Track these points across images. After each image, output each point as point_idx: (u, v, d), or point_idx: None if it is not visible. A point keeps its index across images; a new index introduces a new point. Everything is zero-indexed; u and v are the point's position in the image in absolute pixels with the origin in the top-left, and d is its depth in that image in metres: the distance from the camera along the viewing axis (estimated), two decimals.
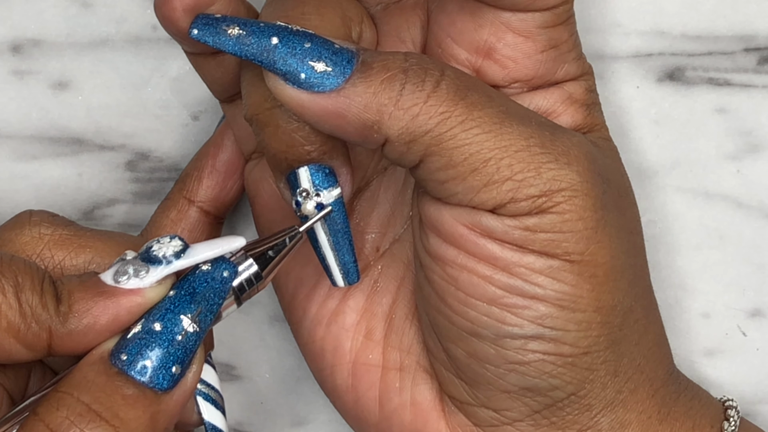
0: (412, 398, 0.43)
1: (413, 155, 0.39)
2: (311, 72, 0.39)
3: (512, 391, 0.41)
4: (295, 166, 0.40)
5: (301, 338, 0.45)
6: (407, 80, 0.39)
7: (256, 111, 0.40)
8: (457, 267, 0.40)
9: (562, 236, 0.40)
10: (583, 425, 0.42)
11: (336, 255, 0.42)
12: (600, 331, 0.41)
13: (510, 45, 0.42)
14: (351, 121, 0.39)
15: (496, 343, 0.40)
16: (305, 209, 0.40)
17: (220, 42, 0.39)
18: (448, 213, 0.40)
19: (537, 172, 0.39)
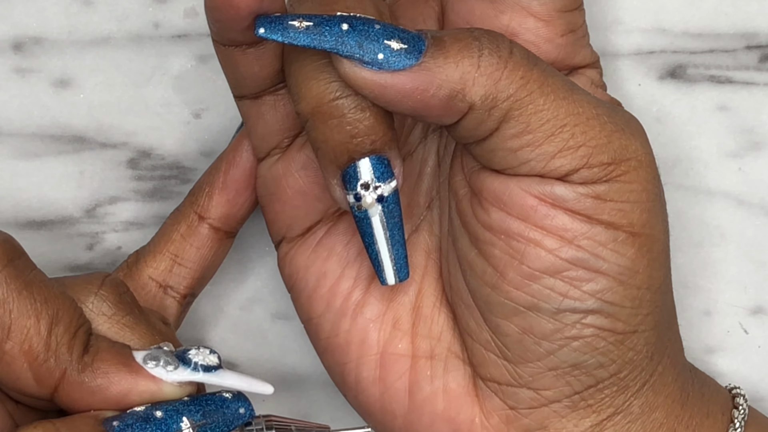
0: (445, 385, 0.43)
1: (492, 122, 0.40)
2: (389, 51, 0.39)
3: (560, 368, 0.41)
4: (356, 158, 0.40)
5: (322, 332, 0.45)
6: (483, 47, 0.39)
7: (318, 103, 0.40)
8: (523, 240, 0.40)
9: (629, 206, 0.40)
10: (617, 408, 0.42)
11: (391, 250, 0.42)
12: (648, 309, 0.42)
13: (531, 30, 0.42)
14: (435, 94, 0.39)
15: (555, 317, 0.41)
16: (365, 203, 0.41)
17: (292, 36, 0.39)
18: (516, 184, 0.40)
19: (608, 140, 0.40)
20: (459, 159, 0.43)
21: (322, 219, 0.44)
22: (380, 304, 0.44)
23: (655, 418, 0.43)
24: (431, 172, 0.45)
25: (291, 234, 0.45)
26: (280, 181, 0.44)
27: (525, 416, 0.42)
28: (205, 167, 0.49)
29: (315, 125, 0.40)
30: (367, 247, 0.42)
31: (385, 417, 0.44)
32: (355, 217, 0.41)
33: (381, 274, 0.42)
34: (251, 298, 0.50)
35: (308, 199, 0.44)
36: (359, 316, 0.44)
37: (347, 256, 0.44)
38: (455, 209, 0.43)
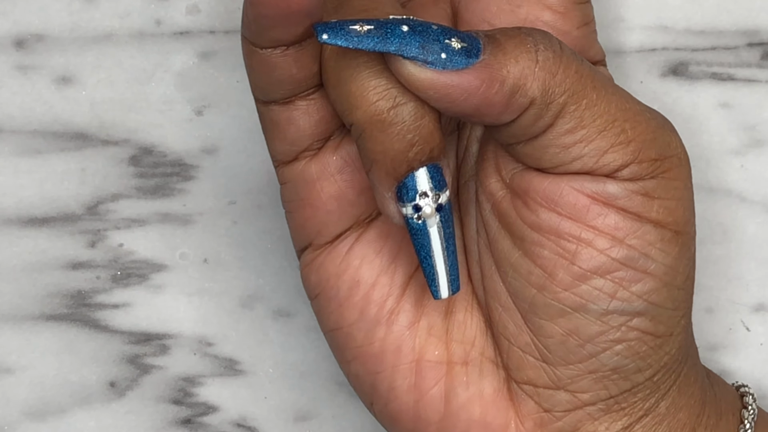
0: (480, 391, 0.43)
1: (549, 117, 0.40)
2: (450, 50, 0.38)
3: (599, 372, 0.41)
4: (415, 168, 0.39)
5: (353, 342, 0.43)
6: (537, 42, 0.39)
7: (376, 112, 0.39)
8: (575, 240, 0.40)
9: (674, 204, 0.41)
10: (647, 411, 0.42)
11: (446, 262, 0.41)
12: (684, 311, 0.42)
13: (548, 23, 0.42)
14: (500, 90, 0.39)
15: (602, 318, 0.41)
16: (425, 213, 0.40)
17: (356, 41, 0.38)
18: (567, 184, 0.40)
19: (654, 135, 0.40)
20: (492, 161, 0.42)
21: (353, 225, 0.43)
22: (414, 310, 0.43)
23: (680, 418, 0.42)
24: (452, 174, 0.44)
25: (319, 241, 0.43)
26: (314, 185, 0.42)
27: (559, 419, 0.42)
28: (208, 164, 0.50)
29: (372, 135, 0.39)
30: (423, 260, 0.41)
31: (418, 425, 0.43)
32: (412, 229, 0.40)
33: (435, 287, 0.41)
34: (253, 295, 0.50)
35: (343, 203, 0.43)
36: (394, 324, 0.43)
37: (380, 264, 0.43)
38: (492, 212, 0.42)
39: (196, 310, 0.50)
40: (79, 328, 0.50)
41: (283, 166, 0.43)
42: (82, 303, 0.50)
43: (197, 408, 0.51)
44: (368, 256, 0.43)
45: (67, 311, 0.50)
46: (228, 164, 0.49)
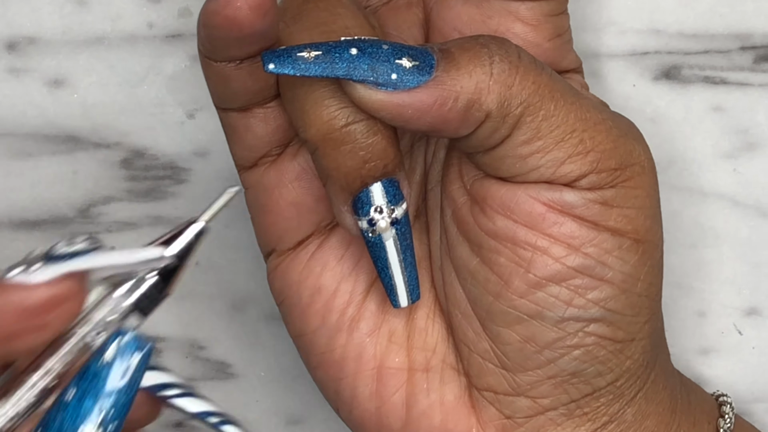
0: (441, 398, 0.43)
1: (506, 129, 0.39)
2: (401, 70, 0.38)
3: (559, 377, 0.41)
4: (369, 184, 0.40)
5: (316, 348, 0.44)
6: (493, 53, 0.39)
7: (329, 130, 0.39)
8: (530, 248, 0.40)
9: (634, 212, 0.40)
10: (611, 416, 0.42)
11: (404, 272, 0.41)
12: (646, 317, 0.41)
13: (519, 35, 0.42)
14: (453, 107, 0.39)
15: (558, 325, 0.41)
16: (380, 227, 0.40)
17: (303, 68, 0.38)
18: (524, 192, 0.40)
19: (614, 145, 0.40)
20: (456, 167, 0.42)
21: (314, 232, 0.43)
22: (375, 317, 0.44)
23: (647, 426, 0.42)
24: (418, 181, 0.44)
25: (282, 247, 0.44)
26: (272, 191, 0.43)
27: (521, 425, 0.42)
28: (199, 168, 0.50)
29: (325, 153, 0.39)
30: (380, 271, 0.41)
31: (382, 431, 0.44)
32: (368, 242, 0.41)
33: (394, 297, 0.42)
34: (244, 298, 0.50)
35: (301, 210, 0.43)
36: (355, 331, 0.43)
37: (342, 271, 0.44)
38: (452, 218, 0.42)
39: (187, 313, 0.50)
40: None
41: (245, 171, 0.43)
42: None
43: None
44: (330, 263, 0.43)
45: None
46: (220, 167, 0.49)
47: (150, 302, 0.35)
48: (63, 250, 0.34)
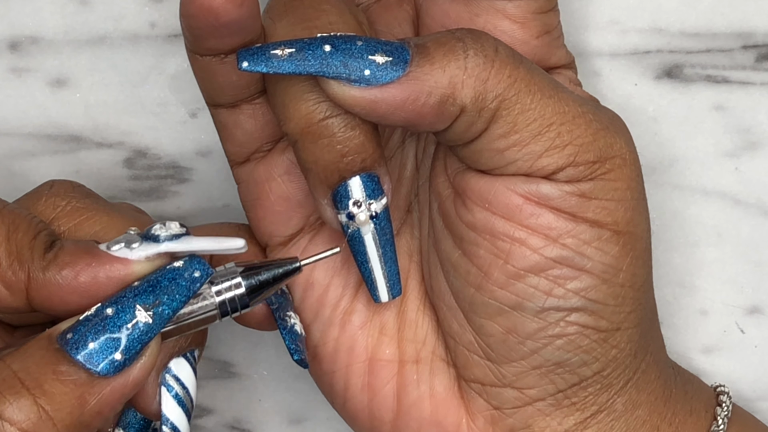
0: (431, 389, 0.43)
1: (482, 123, 0.40)
2: (374, 66, 0.39)
3: (543, 367, 0.41)
4: (347, 177, 0.40)
5: (310, 341, 0.45)
6: (468, 47, 0.39)
7: (307, 124, 0.40)
8: (508, 239, 0.41)
9: (613, 204, 0.41)
10: (600, 406, 0.42)
11: (384, 267, 0.42)
12: (632, 307, 0.42)
13: (507, 32, 0.42)
14: (427, 102, 0.39)
15: (539, 315, 0.41)
16: (358, 220, 0.41)
17: (276, 65, 0.39)
18: (501, 184, 0.40)
19: (593, 138, 0.40)
20: (442, 161, 0.43)
21: (305, 227, 0.44)
22: (367, 310, 0.44)
23: (638, 415, 0.43)
24: (410, 176, 0.45)
25: (274, 242, 0.44)
26: (263, 186, 0.44)
27: (509, 416, 0.42)
28: (202, 167, 0.50)
29: (304, 146, 0.40)
30: (360, 265, 0.42)
31: (374, 423, 0.44)
32: (348, 236, 0.41)
33: (374, 292, 0.42)
34: None
35: (291, 204, 0.44)
36: (347, 324, 0.44)
37: (333, 266, 0.44)
38: (437, 211, 0.43)
39: None
40: None
41: (237, 166, 0.44)
42: None
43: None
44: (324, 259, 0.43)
45: None
46: (222, 167, 0.49)
47: (231, 308, 0.40)
48: (159, 232, 0.39)
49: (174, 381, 0.41)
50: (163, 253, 0.39)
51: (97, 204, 0.42)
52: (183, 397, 0.41)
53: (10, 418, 0.37)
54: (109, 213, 0.41)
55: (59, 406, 0.37)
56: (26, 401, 0.37)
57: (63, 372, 0.38)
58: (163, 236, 0.39)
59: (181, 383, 0.41)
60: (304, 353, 0.43)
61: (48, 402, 0.37)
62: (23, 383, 0.37)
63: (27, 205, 0.42)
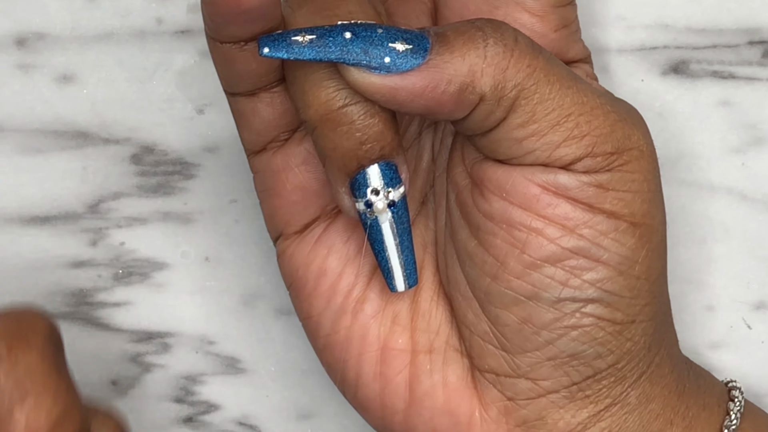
0: (444, 379, 0.43)
1: (500, 112, 0.40)
2: (395, 54, 0.39)
3: (558, 358, 0.41)
4: (366, 165, 0.40)
5: (322, 330, 0.45)
6: (487, 36, 0.40)
7: (327, 111, 0.40)
8: (525, 229, 0.41)
9: (630, 196, 0.41)
10: (614, 399, 0.42)
11: (401, 256, 0.42)
12: (647, 299, 0.42)
13: (526, 25, 0.42)
14: (446, 90, 0.39)
15: (555, 306, 0.41)
16: (376, 209, 0.41)
17: (297, 52, 0.39)
18: (519, 174, 0.41)
19: (612, 129, 0.40)
20: (459, 151, 0.43)
21: (321, 215, 0.44)
22: (380, 299, 0.44)
23: (652, 409, 0.43)
24: (426, 167, 0.45)
25: (289, 230, 0.44)
26: (279, 175, 0.44)
27: (523, 407, 0.42)
28: (209, 163, 0.50)
29: (323, 133, 0.40)
30: (377, 254, 0.42)
31: (386, 412, 0.44)
32: (365, 224, 0.41)
33: (391, 281, 0.42)
34: (254, 293, 0.50)
35: (307, 194, 0.44)
36: (360, 313, 0.44)
37: (347, 253, 0.44)
38: (455, 201, 0.43)
39: (197, 308, 0.50)
40: (80, 327, 0.50)
41: (254, 155, 0.44)
42: (83, 301, 0.50)
43: (199, 406, 0.51)
44: (335, 246, 0.44)
45: (69, 310, 0.50)
46: (229, 162, 0.49)
47: None
48: None
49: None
50: None
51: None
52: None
53: None
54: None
55: None
56: None
57: None
58: None
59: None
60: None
61: None
62: None
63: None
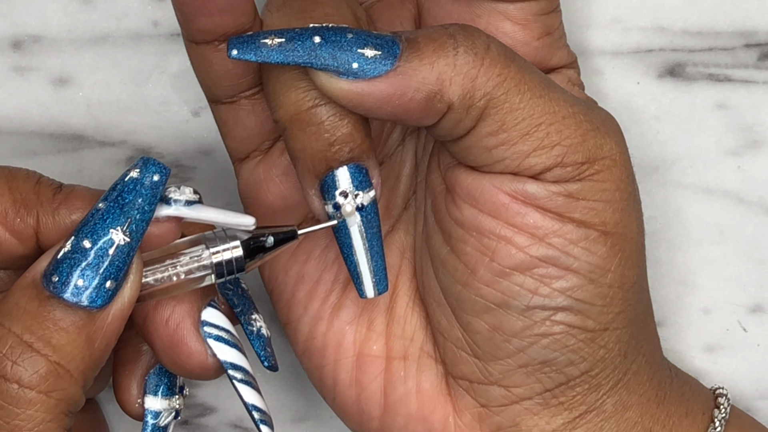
0: (418, 385, 0.43)
1: (470, 120, 0.40)
2: (363, 60, 0.39)
3: (530, 365, 0.41)
4: (334, 167, 0.40)
5: (301, 336, 0.45)
6: (458, 44, 0.39)
7: (296, 111, 0.40)
8: (494, 237, 0.41)
9: (601, 205, 0.41)
10: (589, 406, 0.42)
11: (370, 262, 0.42)
12: (620, 307, 0.41)
13: (508, 33, 0.42)
14: (414, 98, 0.39)
15: (524, 314, 0.41)
16: (345, 211, 0.40)
17: (265, 54, 0.39)
18: (489, 182, 0.40)
19: (583, 139, 0.40)
20: (436, 156, 0.43)
21: (302, 223, 0.44)
22: (356, 306, 0.44)
23: (629, 417, 0.43)
24: (409, 173, 0.45)
25: None
26: (261, 185, 0.44)
27: (496, 414, 0.42)
28: (204, 166, 0.50)
29: (293, 133, 0.40)
30: (346, 258, 0.42)
31: (362, 418, 0.45)
32: (333, 228, 0.41)
33: (360, 286, 0.42)
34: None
35: (288, 203, 0.44)
36: (335, 319, 0.44)
37: (325, 260, 0.44)
38: (431, 207, 0.43)
39: None
40: None
41: (238, 162, 0.45)
42: None
43: (195, 409, 0.51)
44: (314, 252, 0.44)
45: None
46: (224, 165, 0.49)
47: (228, 270, 0.40)
48: (172, 195, 0.39)
49: (213, 328, 0.41)
50: (173, 216, 0.39)
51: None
52: (228, 337, 0.41)
53: (29, 382, 0.37)
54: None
55: (71, 355, 0.38)
56: (39, 363, 0.37)
57: (63, 320, 0.38)
58: (175, 200, 0.39)
59: (220, 326, 0.41)
60: (273, 358, 0.44)
61: (60, 356, 0.38)
62: (31, 346, 0.37)
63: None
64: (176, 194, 0.39)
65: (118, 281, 0.38)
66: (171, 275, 0.40)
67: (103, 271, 0.38)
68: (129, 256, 0.38)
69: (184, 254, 0.40)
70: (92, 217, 0.38)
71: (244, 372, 0.41)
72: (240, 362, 0.41)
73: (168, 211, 0.39)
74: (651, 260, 0.45)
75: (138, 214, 0.38)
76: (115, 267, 0.38)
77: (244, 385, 0.41)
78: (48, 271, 0.38)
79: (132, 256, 0.38)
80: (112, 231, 0.38)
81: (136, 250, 0.38)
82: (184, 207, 0.39)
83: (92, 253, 0.38)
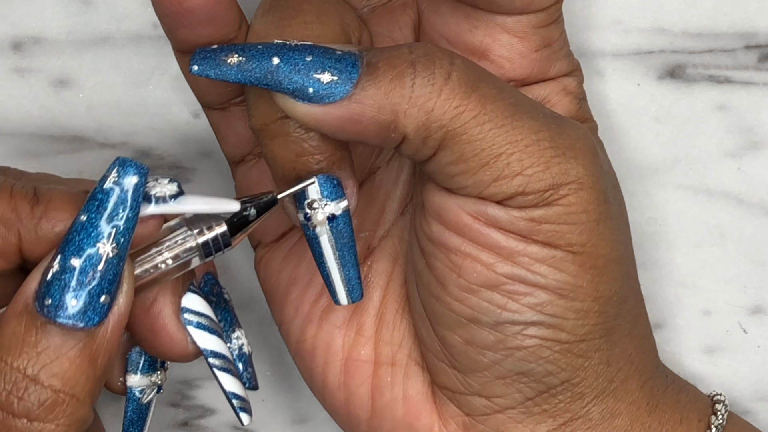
0: (404, 392, 0.43)
1: (428, 150, 0.39)
2: (318, 85, 0.38)
3: (507, 377, 0.41)
4: (304, 177, 0.40)
5: (292, 337, 0.45)
6: (416, 74, 0.39)
7: (265, 121, 0.40)
8: (460, 254, 0.40)
9: (566, 228, 0.40)
10: (574, 414, 0.42)
11: (341, 270, 0.41)
12: (597, 320, 0.41)
13: (505, 45, 0.42)
14: (368, 126, 0.39)
15: (495, 329, 0.41)
16: (315, 221, 0.40)
17: (222, 73, 0.39)
18: (453, 202, 0.40)
19: (546, 167, 0.40)
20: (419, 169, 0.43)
21: (295, 226, 0.44)
22: (346, 310, 0.44)
23: (618, 424, 0.42)
24: (407, 179, 0.45)
25: (266, 239, 0.45)
26: (256, 188, 0.44)
27: (481, 422, 0.42)
28: (205, 167, 0.50)
29: (264, 142, 0.40)
30: (318, 265, 0.42)
31: (351, 421, 0.45)
32: (305, 235, 0.41)
33: (333, 294, 0.42)
34: (249, 298, 0.50)
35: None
36: (325, 323, 0.44)
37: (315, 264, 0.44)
38: (413, 221, 0.43)
39: None
40: None
41: (234, 165, 0.45)
42: None
43: (194, 411, 0.51)
44: (306, 255, 0.44)
45: None
46: (225, 167, 0.49)
47: (215, 248, 0.39)
48: (152, 192, 0.38)
49: (194, 315, 0.41)
50: (156, 214, 0.38)
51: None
52: (208, 323, 0.41)
53: (38, 416, 0.37)
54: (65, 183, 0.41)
55: (75, 380, 0.37)
56: (45, 394, 0.37)
57: (63, 346, 0.37)
58: (157, 196, 0.38)
59: (200, 313, 0.41)
60: (254, 378, 0.43)
61: (64, 383, 0.37)
62: (36, 380, 0.37)
63: None
64: (157, 190, 0.38)
65: (111, 293, 0.37)
66: (158, 263, 0.39)
67: (95, 287, 0.37)
68: (119, 267, 0.37)
69: (167, 240, 0.39)
70: (76, 232, 0.37)
71: (223, 359, 0.41)
72: (220, 349, 0.41)
73: (152, 210, 0.38)
74: (651, 262, 0.45)
75: (122, 223, 0.37)
76: (107, 281, 0.37)
77: (224, 372, 0.41)
78: (39, 294, 0.37)
79: (122, 266, 0.37)
80: (99, 245, 0.37)
81: (125, 259, 0.38)
82: (164, 204, 0.38)
83: (81, 271, 0.37)
